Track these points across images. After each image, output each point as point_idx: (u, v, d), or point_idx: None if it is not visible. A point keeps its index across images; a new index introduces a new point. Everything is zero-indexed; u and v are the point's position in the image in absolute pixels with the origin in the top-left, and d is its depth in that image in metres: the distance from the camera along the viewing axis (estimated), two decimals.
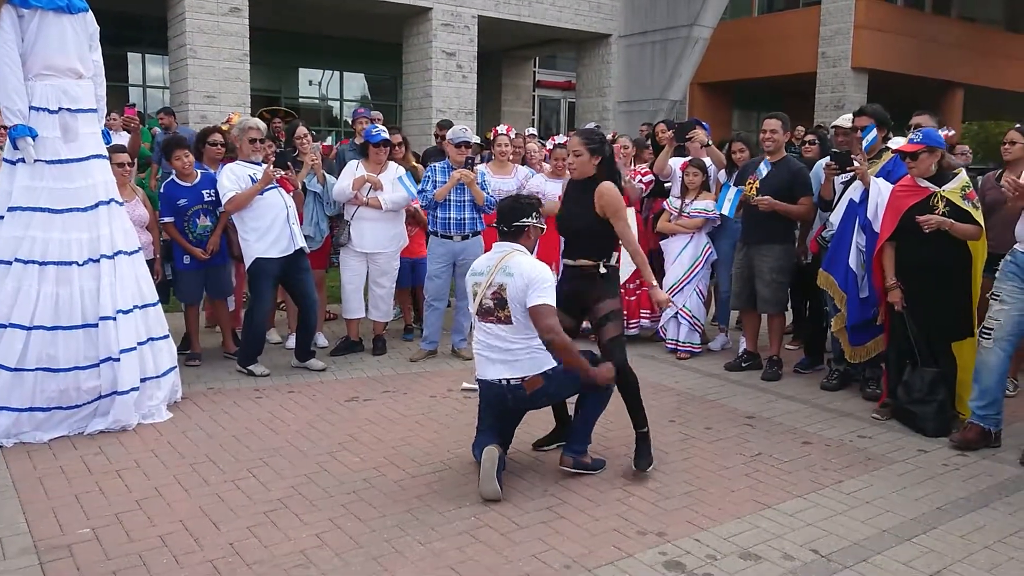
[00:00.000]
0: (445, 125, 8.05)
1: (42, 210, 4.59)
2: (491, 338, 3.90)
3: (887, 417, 5.04)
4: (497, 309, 3.86)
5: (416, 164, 6.98)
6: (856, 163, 5.25)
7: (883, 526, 3.59)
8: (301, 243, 5.86)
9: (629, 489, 3.94)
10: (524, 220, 3.97)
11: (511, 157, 7.09)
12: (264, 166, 5.76)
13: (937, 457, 4.44)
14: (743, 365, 6.21)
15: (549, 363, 3.88)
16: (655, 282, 4.23)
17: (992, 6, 25.09)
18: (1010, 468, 4.29)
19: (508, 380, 3.86)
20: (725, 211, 6.21)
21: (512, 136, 7.30)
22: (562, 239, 4.46)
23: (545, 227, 4.17)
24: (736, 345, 6.71)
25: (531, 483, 4.01)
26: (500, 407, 3.98)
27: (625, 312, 6.94)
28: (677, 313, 6.61)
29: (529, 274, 3.81)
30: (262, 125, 5.95)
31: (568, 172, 4.30)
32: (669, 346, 6.71)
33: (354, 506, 3.70)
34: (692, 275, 6.55)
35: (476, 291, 3.93)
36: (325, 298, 7.08)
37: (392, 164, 6.45)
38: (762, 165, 5.99)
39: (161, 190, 6.05)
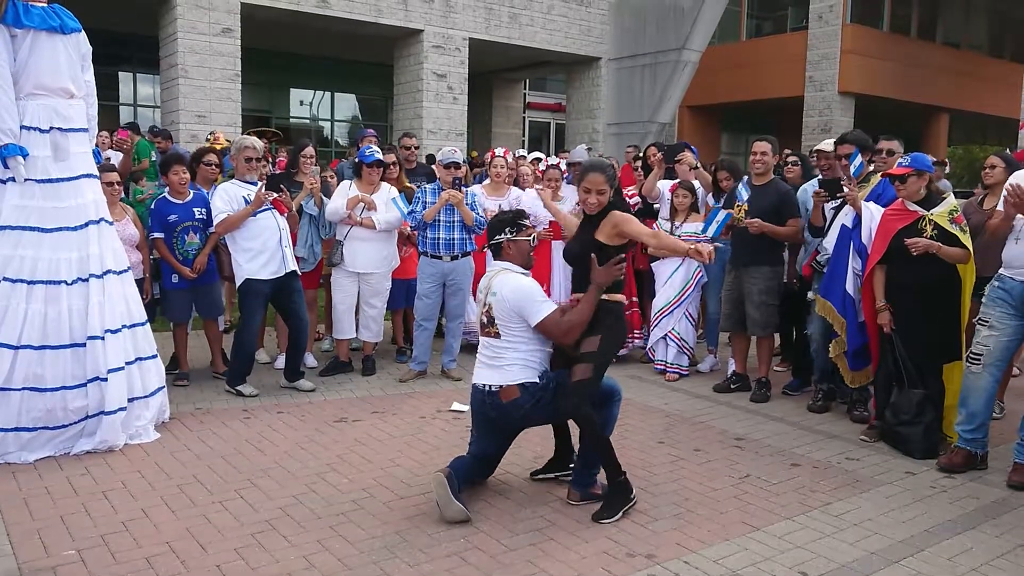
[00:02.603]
0: (410, 135, 8.18)
1: (32, 229, 4.58)
2: (485, 348, 4.03)
3: (875, 439, 5.06)
4: (488, 325, 3.99)
5: (410, 185, 7.00)
6: (846, 189, 5.30)
7: (871, 548, 3.59)
8: (293, 266, 5.86)
9: None
10: (498, 237, 4.03)
11: (506, 180, 7.17)
12: (259, 187, 5.77)
13: (925, 479, 4.46)
14: (732, 387, 6.23)
15: (529, 377, 3.91)
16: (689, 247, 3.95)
17: (976, 32, 25.48)
18: (997, 490, 4.31)
19: (488, 386, 3.93)
20: (710, 233, 6.27)
21: (509, 159, 7.36)
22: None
23: (532, 240, 4.10)
24: (725, 366, 6.73)
25: (521, 505, 4.00)
26: (482, 415, 4.02)
27: None
28: (666, 335, 6.63)
29: (513, 295, 3.87)
30: (259, 144, 5.95)
31: (587, 209, 4.15)
32: (658, 367, 6.73)
33: (343, 528, 3.69)
34: (682, 298, 6.58)
35: (480, 308, 4.08)
36: (316, 318, 7.07)
37: (385, 185, 6.47)
38: (741, 187, 6.06)
39: (152, 206, 6.05)
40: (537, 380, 3.92)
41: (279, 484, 4.18)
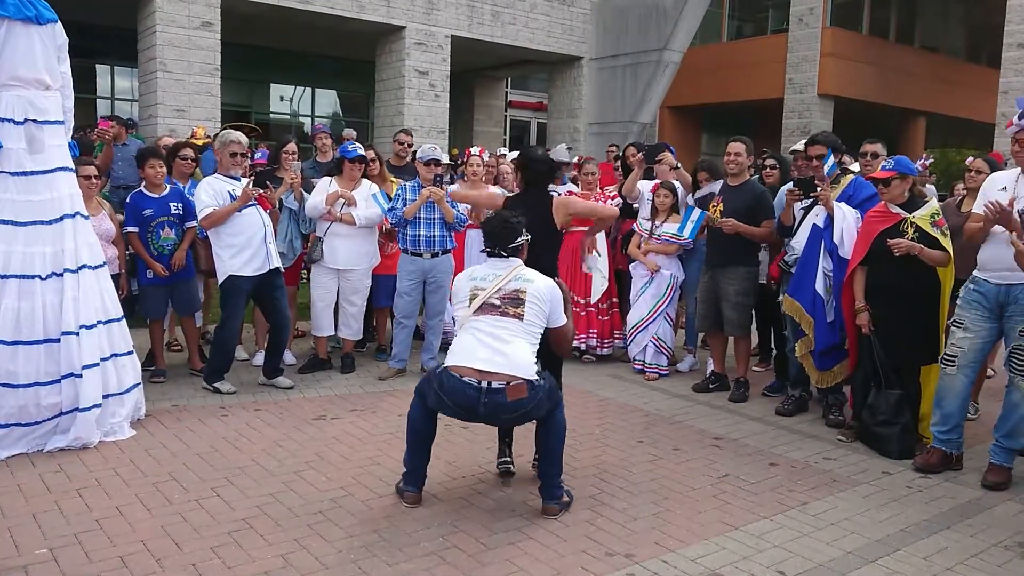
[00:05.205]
0: (407, 132, 8.08)
1: (5, 222, 4.51)
2: (486, 327, 3.78)
3: (852, 439, 5.09)
4: (507, 306, 3.82)
5: (393, 180, 6.95)
6: (819, 189, 5.34)
7: (848, 548, 3.62)
8: (277, 263, 5.81)
9: (598, 510, 3.94)
10: (519, 240, 4.00)
11: (483, 178, 7.13)
12: (243, 182, 5.72)
13: (901, 479, 4.50)
14: (711, 386, 6.25)
15: (534, 374, 3.74)
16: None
17: (953, 37, 25.80)
18: (971, 491, 4.36)
19: (489, 381, 3.65)
20: (686, 233, 6.31)
21: (485, 157, 7.33)
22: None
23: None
24: (704, 366, 6.76)
25: (500, 503, 3.99)
26: (465, 412, 3.77)
27: (596, 331, 7.02)
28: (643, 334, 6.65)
29: (549, 291, 3.91)
30: (244, 139, 5.90)
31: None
32: (636, 367, 6.74)
33: (320, 527, 3.66)
34: (655, 315, 6.59)
35: (476, 294, 3.88)
36: (296, 315, 7.02)
37: (365, 181, 6.44)
38: (712, 186, 6.12)
39: (128, 200, 5.98)
40: (541, 380, 3.78)
41: (256, 482, 4.14)
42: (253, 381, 6.03)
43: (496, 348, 3.73)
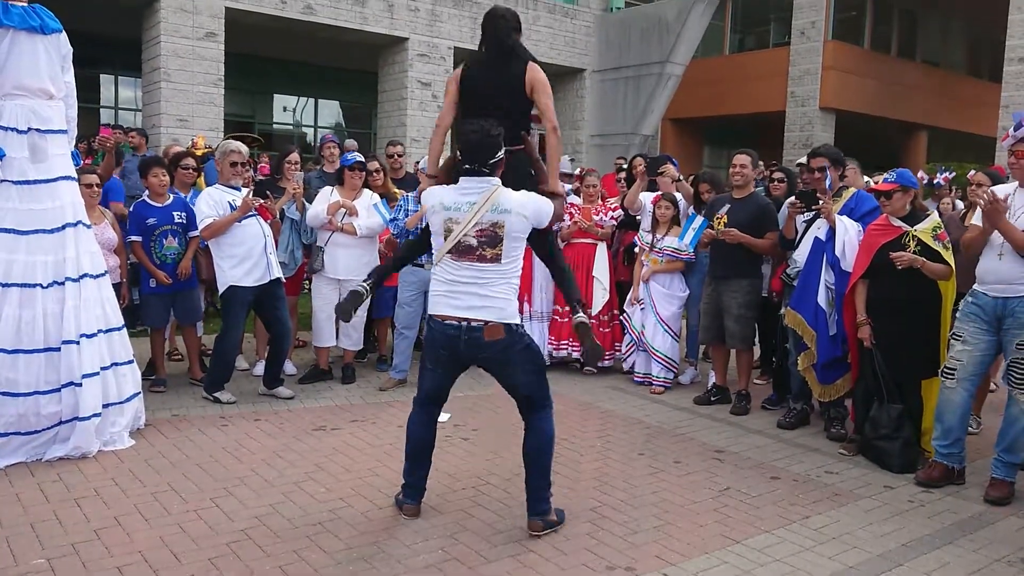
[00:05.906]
0: (395, 143, 8.08)
1: (7, 231, 4.51)
2: (464, 275, 3.66)
3: (854, 453, 5.07)
4: (483, 247, 3.63)
5: (397, 191, 6.96)
6: (821, 202, 5.34)
7: (849, 562, 3.60)
8: (277, 273, 5.81)
9: (599, 523, 3.92)
10: (500, 154, 3.72)
11: None
12: (244, 192, 5.73)
13: (903, 494, 4.47)
14: (712, 399, 6.23)
15: (515, 319, 3.71)
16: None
17: (954, 52, 25.86)
18: (974, 505, 4.34)
19: (468, 321, 3.63)
20: (687, 241, 6.30)
21: None
22: None
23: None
24: (705, 378, 6.74)
25: (500, 516, 3.97)
26: (449, 354, 3.73)
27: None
28: (647, 351, 6.63)
29: (532, 202, 3.71)
30: (244, 149, 5.91)
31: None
32: (638, 379, 6.72)
33: (319, 538, 3.64)
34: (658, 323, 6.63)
35: (451, 228, 3.65)
36: (296, 325, 7.01)
37: (367, 191, 6.45)
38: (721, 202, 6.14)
39: (131, 208, 5.99)
40: (520, 323, 3.76)
41: (255, 493, 4.13)
42: (253, 391, 6.02)
43: (475, 294, 3.64)
